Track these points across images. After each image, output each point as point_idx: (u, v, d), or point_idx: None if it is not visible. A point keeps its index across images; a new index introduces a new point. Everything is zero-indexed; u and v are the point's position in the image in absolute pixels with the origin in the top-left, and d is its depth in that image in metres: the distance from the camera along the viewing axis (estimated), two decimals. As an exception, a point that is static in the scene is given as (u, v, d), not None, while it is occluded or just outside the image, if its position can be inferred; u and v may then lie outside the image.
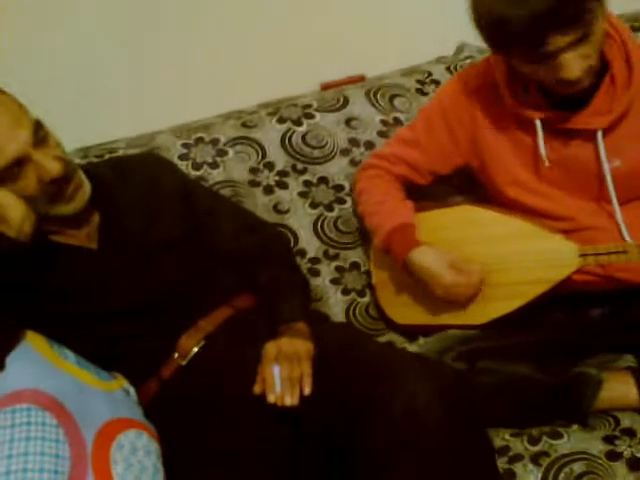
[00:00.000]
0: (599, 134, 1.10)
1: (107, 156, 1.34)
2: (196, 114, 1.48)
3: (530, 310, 1.18)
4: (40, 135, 0.98)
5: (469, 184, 1.35)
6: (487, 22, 1.00)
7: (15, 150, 0.94)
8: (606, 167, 1.11)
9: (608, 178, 1.11)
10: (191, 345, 1.09)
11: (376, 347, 1.12)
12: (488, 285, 1.19)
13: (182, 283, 1.12)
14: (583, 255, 1.12)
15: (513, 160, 1.20)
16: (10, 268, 0.94)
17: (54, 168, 0.97)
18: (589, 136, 1.11)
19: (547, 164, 1.14)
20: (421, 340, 1.23)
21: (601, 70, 1.09)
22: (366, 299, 1.40)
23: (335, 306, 1.39)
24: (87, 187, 1.05)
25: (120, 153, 1.36)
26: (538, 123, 1.13)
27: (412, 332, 1.31)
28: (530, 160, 1.18)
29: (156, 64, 1.50)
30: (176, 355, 1.08)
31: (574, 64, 0.99)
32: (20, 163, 0.95)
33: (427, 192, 1.36)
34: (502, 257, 1.18)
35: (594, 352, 1.19)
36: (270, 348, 1.02)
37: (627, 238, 1.13)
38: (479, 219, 1.23)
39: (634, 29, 1.51)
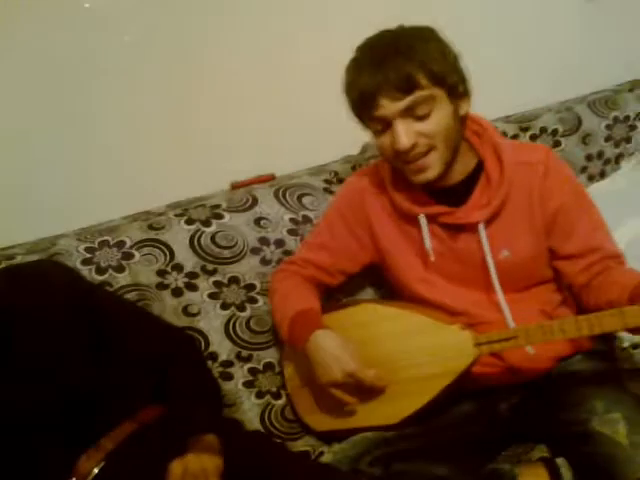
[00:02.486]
0: (481, 227, 1.16)
1: (4, 263, 1.28)
2: (102, 216, 1.45)
3: (440, 406, 1.17)
4: None
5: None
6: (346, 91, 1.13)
7: None
8: (489, 259, 1.16)
9: (492, 269, 1.16)
10: (90, 467, 1.01)
11: (286, 461, 1.08)
12: (396, 383, 1.18)
13: (83, 397, 1.05)
14: (478, 344, 1.14)
15: (409, 256, 1.24)
16: None
17: None
18: (473, 229, 1.17)
19: (432, 258, 1.19)
20: (335, 447, 1.20)
21: (478, 167, 1.19)
22: (281, 401, 1.36)
23: (249, 411, 1.34)
24: None
25: (19, 259, 1.29)
26: (422, 218, 1.18)
27: (329, 437, 1.28)
28: (423, 254, 1.22)
29: (57, 164, 1.47)
30: (73, 480, 1.00)
31: (403, 134, 1.07)
32: None
33: (345, 288, 1.36)
34: (406, 353, 1.17)
35: (508, 444, 1.19)
36: (176, 467, 0.97)
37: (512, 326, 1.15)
38: (379, 317, 1.23)
39: (522, 129, 1.62)
